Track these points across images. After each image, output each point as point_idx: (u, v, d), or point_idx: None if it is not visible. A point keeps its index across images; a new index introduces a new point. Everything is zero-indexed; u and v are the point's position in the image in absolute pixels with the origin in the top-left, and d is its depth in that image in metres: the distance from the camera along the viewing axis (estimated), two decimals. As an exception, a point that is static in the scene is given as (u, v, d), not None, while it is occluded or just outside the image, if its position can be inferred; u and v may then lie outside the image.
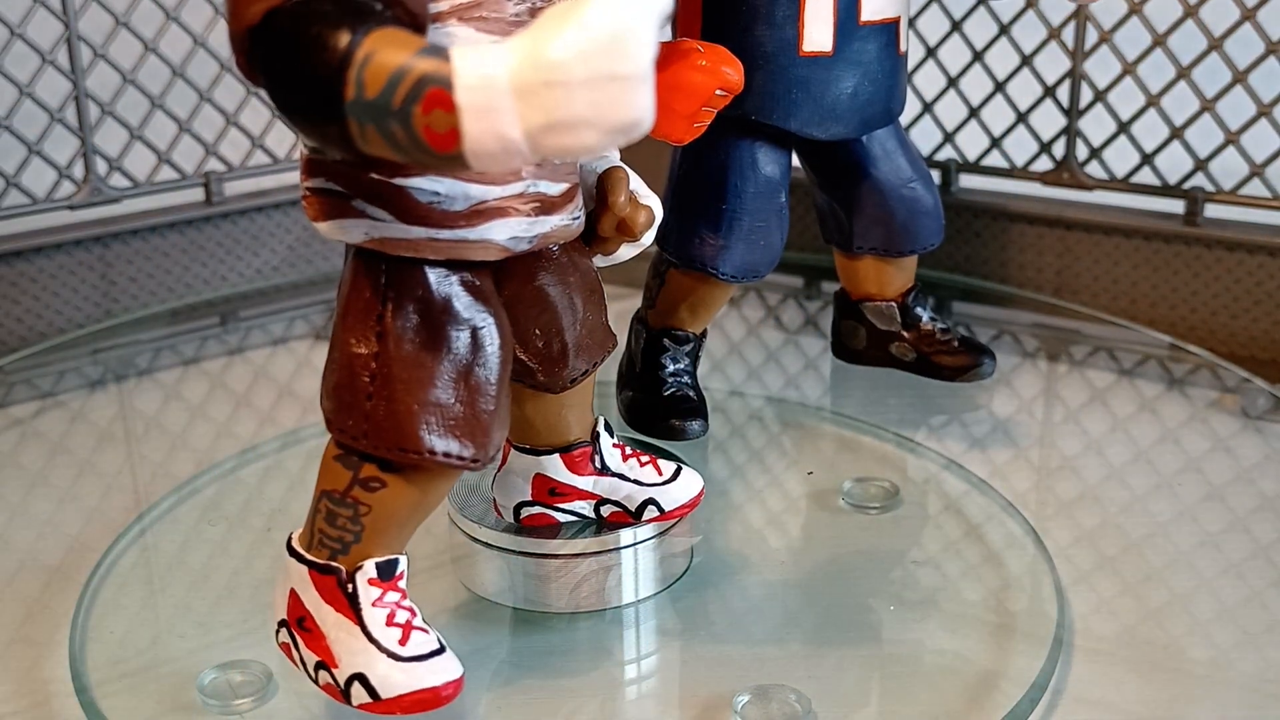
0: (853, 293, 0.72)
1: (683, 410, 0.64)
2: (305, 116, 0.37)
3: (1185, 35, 0.80)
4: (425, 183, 0.41)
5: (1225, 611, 0.55)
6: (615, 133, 0.34)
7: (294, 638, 0.46)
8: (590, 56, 0.33)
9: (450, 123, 0.34)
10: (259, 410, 0.75)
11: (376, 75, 0.35)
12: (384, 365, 0.42)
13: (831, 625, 0.54)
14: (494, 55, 0.34)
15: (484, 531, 0.54)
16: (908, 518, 0.62)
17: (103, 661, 0.52)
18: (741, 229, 0.63)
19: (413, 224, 0.42)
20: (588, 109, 0.33)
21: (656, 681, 0.52)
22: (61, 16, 0.83)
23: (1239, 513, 0.62)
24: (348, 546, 0.45)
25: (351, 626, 0.44)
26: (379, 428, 0.43)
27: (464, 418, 0.43)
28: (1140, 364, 0.79)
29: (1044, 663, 0.51)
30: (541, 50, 0.33)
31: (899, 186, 0.67)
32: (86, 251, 0.87)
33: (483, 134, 0.34)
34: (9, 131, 0.83)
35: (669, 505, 0.54)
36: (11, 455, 0.71)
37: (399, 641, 0.44)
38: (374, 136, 0.36)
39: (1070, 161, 0.85)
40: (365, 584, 0.45)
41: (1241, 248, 0.81)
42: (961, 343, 0.70)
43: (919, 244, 0.69)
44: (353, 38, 0.35)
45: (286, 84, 0.37)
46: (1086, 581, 0.57)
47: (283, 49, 0.37)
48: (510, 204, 0.43)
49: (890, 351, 0.71)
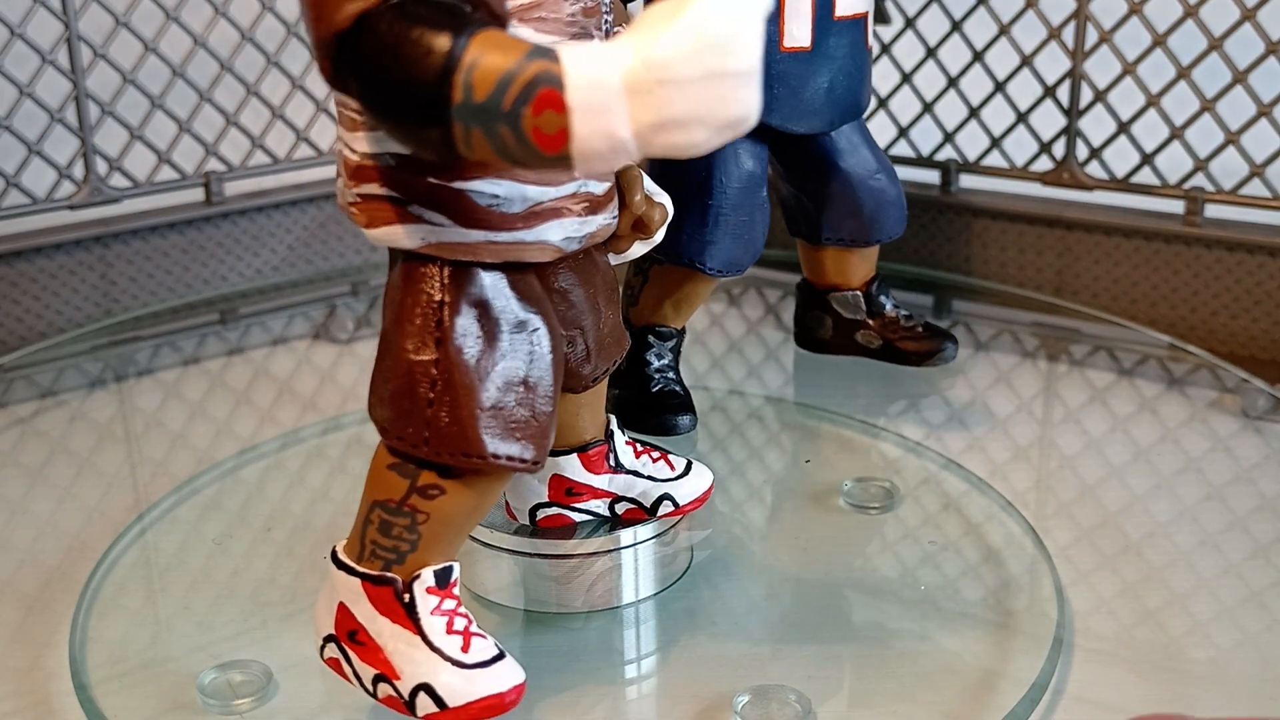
0: (818, 283, 0.74)
1: (672, 406, 0.65)
2: (406, 120, 0.37)
3: (1185, 35, 0.80)
4: (484, 185, 0.41)
5: (1225, 611, 0.55)
6: (724, 129, 0.34)
7: (345, 652, 0.45)
8: (703, 55, 0.33)
9: (560, 123, 0.34)
10: (259, 409, 0.75)
11: (486, 78, 0.35)
12: (445, 371, 0.42)
13: (831, 625, 0.54)
14: (605, 55, 0.34)
15: (484, 532, 0.54)
16: (908, 518, 0.62)
17: (103, 661, 0.52)
18: (727, 224, 0.64)
19: (471, 227, 0.41)
20: (700, 106, 0.34)
21: (656, 681, 0.52)
22: (61, 16, 0.83)
23: (1238, 513, 0.62)
24: (403, 556, 0.44)
25: (411, 637, 0.44)
26: (441, 434, 0.42)
27: (524, 420, 0.43)
28: (1140, 364, 0.79)
29: (1044, 663, 0.51)
30: (654, 49, 0.33)
31: (866, 178, 0.69)
32: (86, 251, 0.87)
33: (592, 134, 0.34)
34: (9, 131, 0.83)
35: (683, 500, 0.54)
36: (11, 454, 0.71)
37: (461, 649, 0.44)
38: (479, 140, 0.35)
39: (1070, 161, 0.85)
40: (423, 593, 0.44)
41: (1241, 248, 0.81)
42: (925, 328, 0.73)
43: (885, 234, 0.71)
44: (457, 41, 0.35)
45: (386, 88, 0.36)
46: (1086, 581, 0.57)
47: (380, 53, 0.36)
48: (564, 204, 0.43)
49: (856, 339, 0.73)
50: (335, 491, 0.65)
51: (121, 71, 0.86)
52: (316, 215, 0.95)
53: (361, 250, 0.97)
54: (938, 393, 0.75)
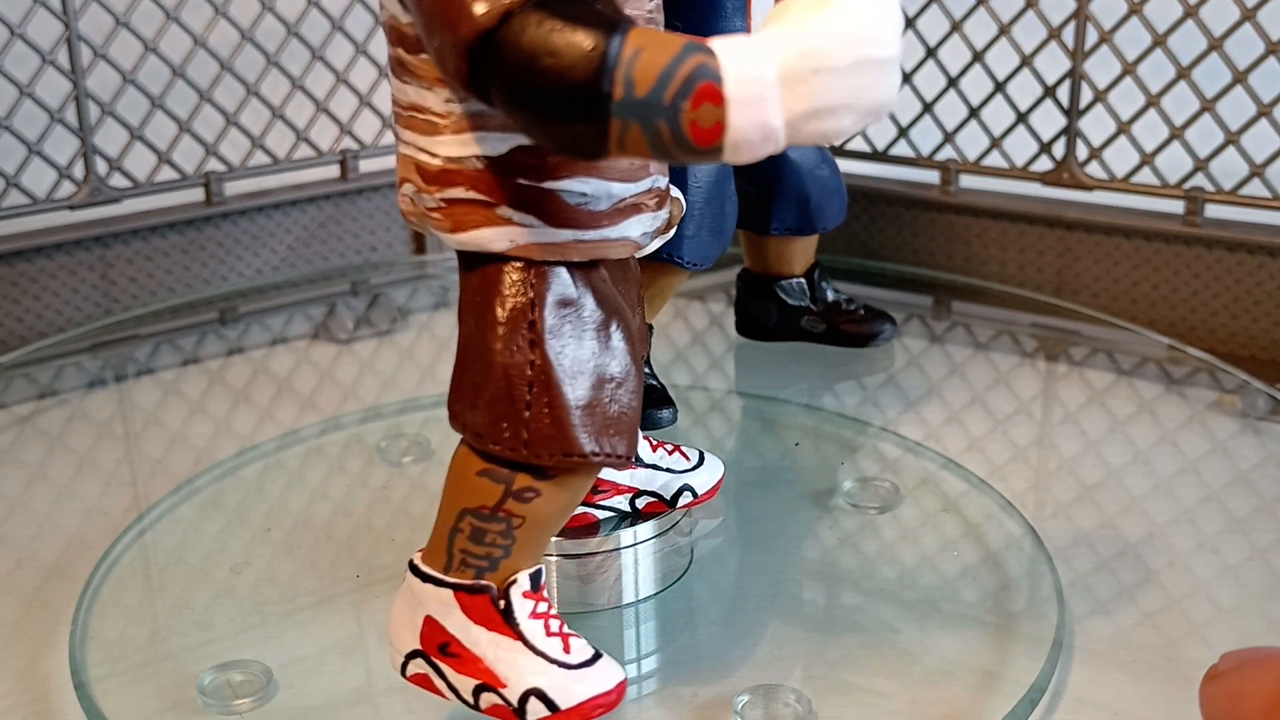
0: (762, 272, 0.76)
1: (652, 400, 0.65)
2: (559, 118, 0.37)
3: (1185, 35, 0.80)
4: (574, 184, 0.41)
5: (1223, 614, 0.55)
6: (870, 115, 0.36)
7: (436, 666, 0.45)
8: (855, 43, 0.35)
9: (717, 116, 0.35)
10: (258, 407, 0.75)
11: (646, 73, 0.35)
12: (541, 371, 0.42)
13: (831, 625, 0.54)
14: (759, 47, 0.35)
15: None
16: (908, 518, 0.62)
17: (102, 659, 0.52)
18: (701, 217, 0.64)
19: (560, 227, 0.42)
20: (850, 94, 0.35)
21: (656, 681, 0.52)
22: (61, 16, 0.83)
23: (1237, 515, 0.62)
24: (496, 562, 0.44)
25: (512, 643, 0.44)
26: (541, 436, 0.42)
27: (616, 415, 0.43)
28: (1139, 365, 0.79)
29: (1043, 664, 0.51)
30: (807, 39, 0.35)
31: (812, 169, 0.72)
32: (86, 251, 0.87)
33: (747, 124, 0.35)
34: (9, 131, 0.83)
35: (701, 489, 0.55)
36: (11, 452, 0.71)
37: (563, 650, 0.44)
38: (635, 135, 0.36)
39: (1070, 161, 0.85)
40: (520, 597, 0.44)
41: (1241, 248, 0.81)
42: (866, 311, 0.77)
43: (828, 222, 0.74)
44: (613, 37, 0.35)
45: (540, 87, 0.36)
46: (1085, 583, 0.57)
47: (534, 51, 0.36)
48: (643, 199, 0.44)
49: (801, 325, 0.77)
50: (334, 491, 0.65)
51: (121, 71, 0.86)
52: (316, 215, 0.95)
53: (361, 250, 0.97)
54: (936, 392, 0.75)
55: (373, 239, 0.97)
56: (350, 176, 0.95)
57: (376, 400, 0.75)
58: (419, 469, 0.67)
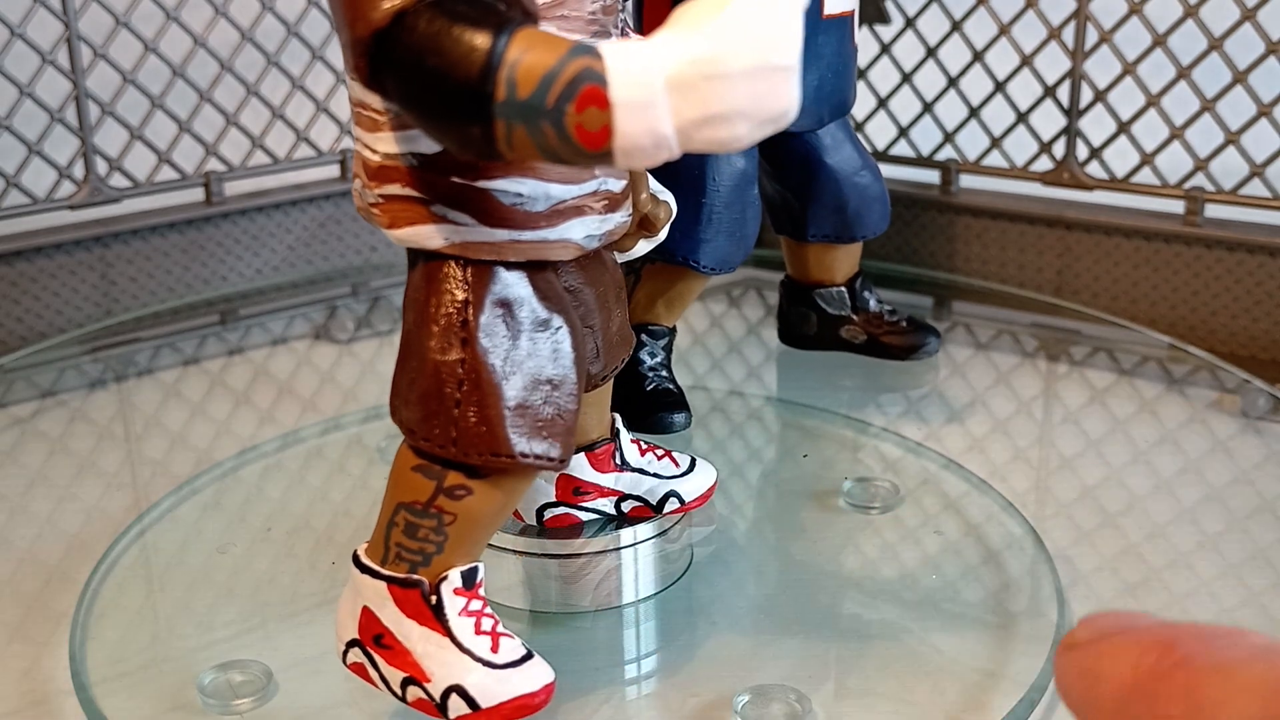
0: (802, 280, 0.74)
1: (666, 404, 0.65)
2: (447, 119, 0.36)
3: (1185, 35, 0.80)
4: (508, 184, 0.41)
5: (1224, 612, 0.55)
6: (767, 123, 0.34)
7: (371, 656, 0.45)
8: (749, 50, 0.33)
9: (604, 120, 0.34)
10: (259, 409, 0.75)
11: (529, 75, 0.35)
12: (471, 371, 0.42)
13: (831, 625, 0.54)
14: (648, 51, 0.34)
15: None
16: (908, 518, 0.62)
17: (103, 661, 0.52)
18: (720, 221, 0.64)
19: (496, 226, 0.41)
20: (745, 101, 0.34)
21: (656, 681, 0.52)
22: (61, 16, 0.83)
23: (1238, 514, 0.62)
24: (429, 558, 0.44)
25: (440, 639, 0.44)
26: (469, 434, 0.42)
27: (550, 418, 0.43)
28: (1140, 364, 0.79)
29: (1044, 663, 0.51)
30: (699, 45, 0.34)
31: (851, 175, 0.70)
32: (86, 251, 0.87)
33: (634, 129, 0.34)
34: (9, 131, 0.83)
35: (689, 496, 0.55)
36: (11, 454, 0.71)
37: (490, 649, 0.44)
38: (521, 137, 0.35)
39: (1070, 161, 0.85)
40: (450, 594, 0.44)
41: (1241, 248, 0.81)
42: (909, 323, 0.74)
43: (869, 230, 0.71)
44: (500, 38, 0.35)
45: (427, 86, 0.36)
46: (1086, 582, 0.57)
47: (422, 51, 0.36)
48: (586, 202, 0.43)
49: (841, 335, 0.74)
50: (335, 492, 0.65)
51: (121, 71, 0.86)
52: (316, 215, 0.95)
53: (361, 251, 0.97)
54: (937, 393, 0.75)
55: (373, 239, 0.97)
56: (350, 176, 0.95)
57: (377, 401, 0.75)
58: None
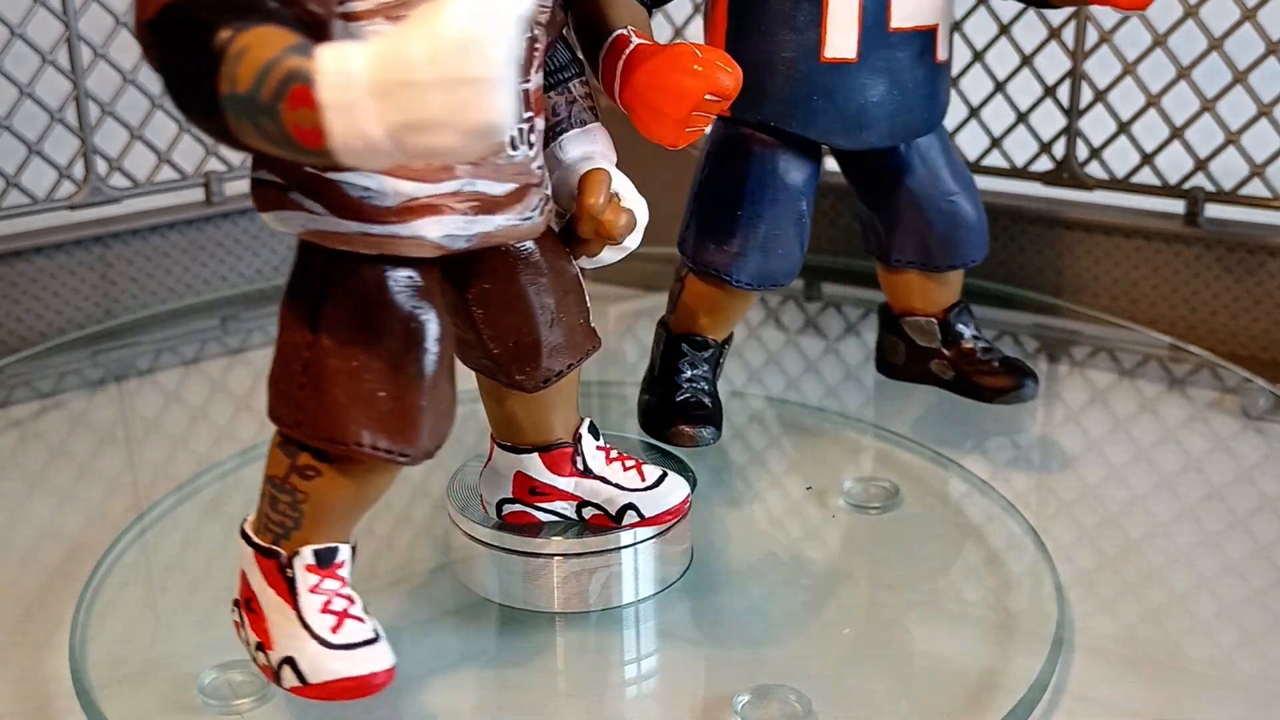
0: (894, 306, 0.69)
1: (694, 416, 0.62)
2: (190, 110, 0.37)
3: (1185, 35, 0.80)
4: (356, 178, 0.41)
5: (1225, 610, 0.55)
6: (472, 135, 0.33)
7: (241, 617, 0.47)
8: (441, 59, 0.33)
9: (314, 120, 0.34)
10: (259, 412, 0.75)
11: (248, 71, 0.35)
12: (316, 355, 0.43)
13: (831, 625, 0.54)
14: (356, 53, 0.34)
15: (484, 531, 0.54)
16: (908, 518, 0.62)
17: (103, 662, 0.52)
18: (757, 237, 0.61)
19: (346, 218, 0.42)
20: (441, 111, 0.33)
21: (656, 681, 0.52)
22: (61, 16, 0.83)
23: (1239, 513, 0.62)
24: (289, 532, 0.45)
25: (288, 610, 0.45)
26: (311, 417, 0.43)
27: (393, 412, 0.43)
28: (1140, 364, 0.79)
29: (1044, 662, 0.51)
30: (396, 50, 0.33)
31: (938, 199, 0.64)
32: (86, 251, 0.87)
33: (344, 131, 0.34)
34: (9, 131, 0.83)
35: (649, 511, 0.53)
36: (12, 456, 0.70)
37: (331, 629, 0.44)
38: (250, 131, 0.36)
39: (1070, 161, 0.85)
40: (303, 570, 0.45)
41: (1241, 248, 0.81)
42: (1002, 363, 0.66)
43: (959, 259, 0.65)
44: (232, 33, 0.36)
45: (174, 78, 0.37)
46: (1087, 581, 0.57)
47: (173, 43, 0.37)
48: (444, 201, 0.42)
49: (930, 369, 0.69)
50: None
51: (121, 71, 0.86)
52: (316, 216, 0.95)
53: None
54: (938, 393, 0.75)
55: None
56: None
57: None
58: (418, 471, 0.67)
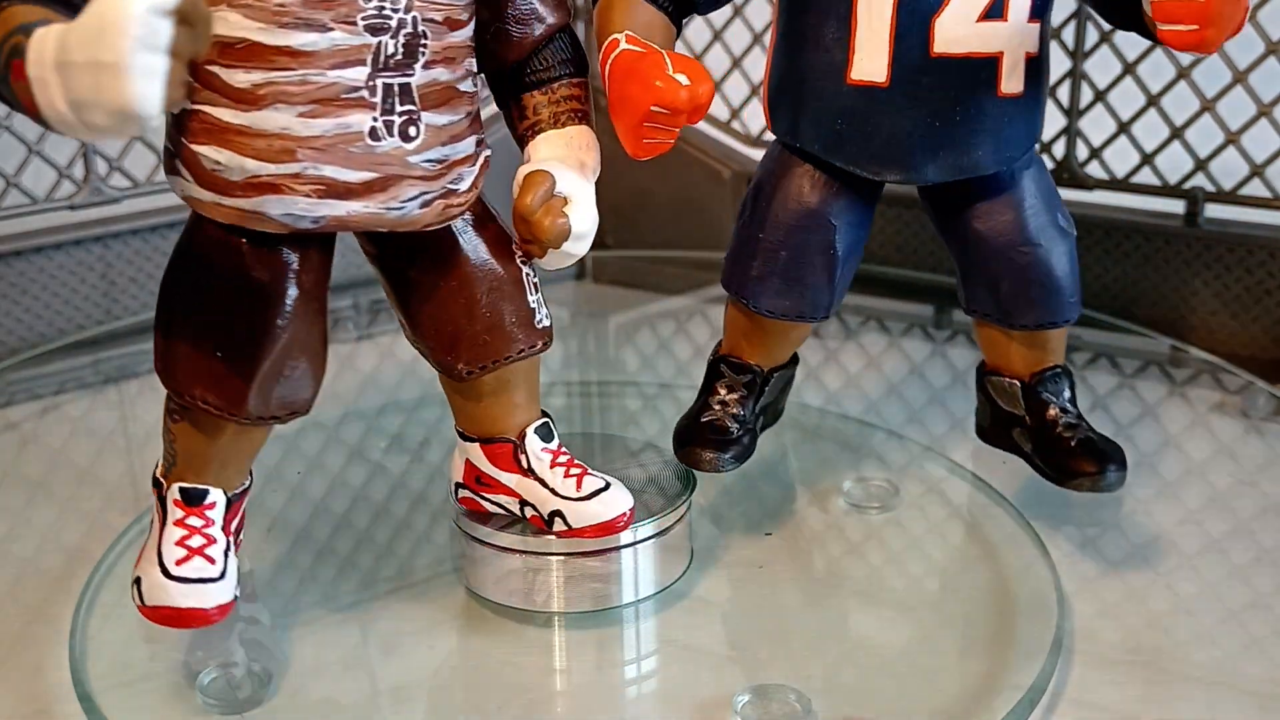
0: (986, 363, 0.62)
1: (711, 441, 0.58)
2: None
3: (1186, 36, 0.80)
4: (209, 151, 0.44)
5: (1229, 615, 0.55)
6: (116, 116, 0.35)
7: None
8: (81, 42, 0.35)
9: (30, 92, 0.37)
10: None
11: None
12: (164, 306, 0.48)
13: (831, 625, 0.54)
14: (53, 35, 0.36)
15: (485, 531, 0.54)
16: (908, 518, 0.62)
17: (103, 666, 0.52)
18: (773, 262, 0.56)
19: (204, 188, 0.45)
20: (85, 91, 0.36)
21: (656, 681, 0.52)
22: (61, 16, 0.83)
23: (1242, 516, 0.62)
24: (170, 466, 0.50)
25: (155, 536, 0.49)
26: (164, 365, 0.48)
27: (222, 373, 0.47)
28: (1142, 367, 0.79)
29: (1044, 664, 0.50)
30: (69, 31, 0.36)
31: (1009, 248, 0.56)
32: (86, 251, 0.87)
33: (44, 103, 0.36)
34: (9, 131, 0.83)
35: (576, 522, 0.52)
36: (12, 461, 0.70)
37: (177, 561, 0.48)
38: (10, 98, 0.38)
39: (1070, 161, 0.85)
40: (171, 504, 0.49)
41: (1241, 247, 0.81)
42: (1081, 444, 0.57)
43: (1034, 319, 0.57)
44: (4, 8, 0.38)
45: None
46: (1088, 585, 0.57)
47: None
48: (284, 182, 0.44)
49: (1013, 436, 0.60)
50: (336, 504, 0.65)
51: (121, 72, 0.85)
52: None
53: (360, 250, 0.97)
54: (939, 396, 0.75)
55: (373, 240, 0.97)
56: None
57: (379, 409, 0.75)
58: (418, 479, 0.67)
